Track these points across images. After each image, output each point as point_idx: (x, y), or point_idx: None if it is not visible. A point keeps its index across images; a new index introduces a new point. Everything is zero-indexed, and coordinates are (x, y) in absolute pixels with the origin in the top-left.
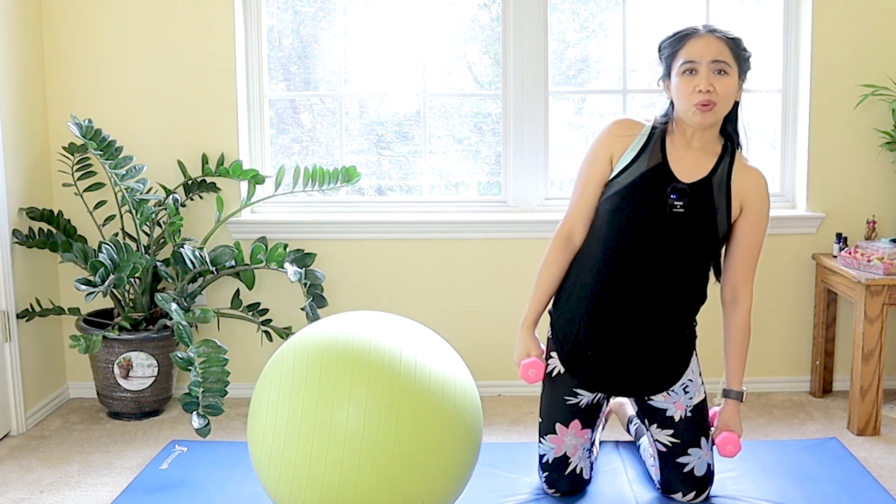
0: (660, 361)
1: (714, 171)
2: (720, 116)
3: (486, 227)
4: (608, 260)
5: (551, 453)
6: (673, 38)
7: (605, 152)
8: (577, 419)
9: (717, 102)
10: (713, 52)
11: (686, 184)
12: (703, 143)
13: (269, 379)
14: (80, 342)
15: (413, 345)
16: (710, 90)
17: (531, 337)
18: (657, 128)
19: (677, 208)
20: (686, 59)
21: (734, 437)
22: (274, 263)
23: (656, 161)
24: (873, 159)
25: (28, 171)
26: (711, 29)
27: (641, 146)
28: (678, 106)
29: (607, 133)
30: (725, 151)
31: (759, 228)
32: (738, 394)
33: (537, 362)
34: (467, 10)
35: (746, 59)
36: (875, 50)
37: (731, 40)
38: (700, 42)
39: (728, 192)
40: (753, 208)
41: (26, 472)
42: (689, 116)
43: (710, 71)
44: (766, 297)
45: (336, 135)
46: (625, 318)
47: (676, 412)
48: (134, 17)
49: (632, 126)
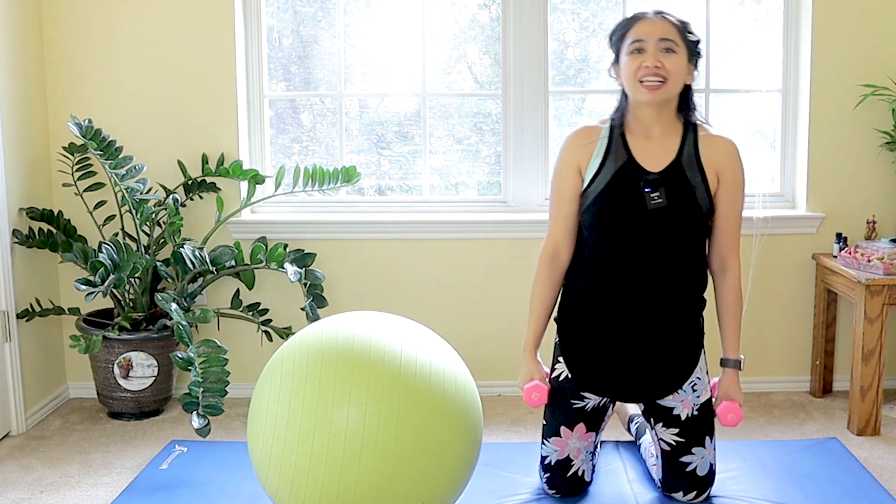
0: (669, 360)
1: (681, 151)
2: (669, 95)
3: (486, 227)
4: (603, 266)
5: (554, 455)
6: (621, 23)
7: (571, 166)
8: (582, 422)
9: (666, 78)
10: (660, 31)
11: (657, 173)
12: (662, 128)
13: (269, 379)
14: (80, 342)
15: (413, 345)
16: (659, 66)
17: (533, 361)
18: (615, 126)
19: (656, 200)
20: (634, 38)
21: (735, 405)
22: (274, 263)
23: (623, 160)
24: (873, 159)
25: (28, 171)
26: (660, 12)
27: (605, 149)
28: (627, 86)
29: (568, 146)
30: (687, 129)
31: (738, 194)
32: (735, 362)
33: (540, 386)
34: (467, 10)
35: (694, 42)
36: (875, 50)
37: (679, 22)
38: (647, 23)
39: (700, 166)
40: (728, 176)
41: (26, 472)
42: (637, 95)
43: (657, 49)
44: (766, 297)
45: (336, 135)
46: (630, 320)
47: (684, 411)
48: (134, 17)
49: (589, 133)
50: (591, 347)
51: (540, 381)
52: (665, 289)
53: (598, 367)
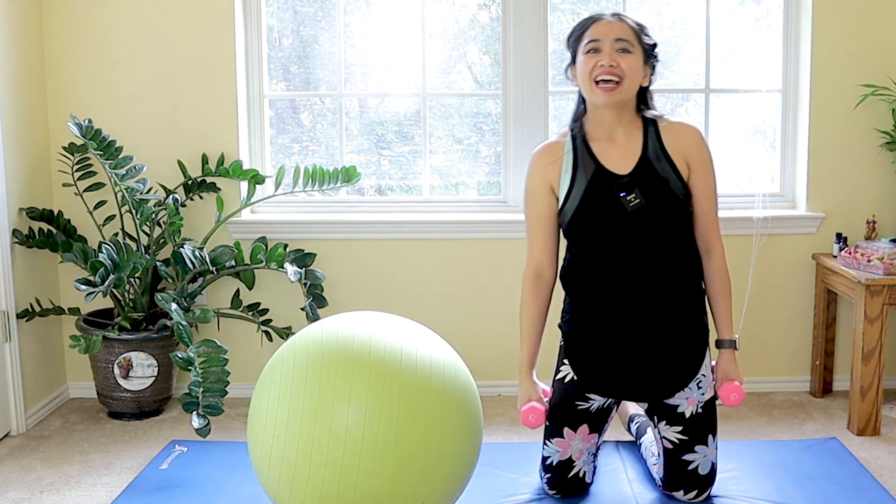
0: (675, 356)
1: (645, 147)
2: (626, 96)
3: (486, 227)
4: (597, 274)
5: (556, 456)
6: (578, 25)
7: (542, 185)
8: (585, 423)
9: (621, 79)
10: (616, 32)
11: (627, 175)
12: (624, 129)
13: (269, 380)
14: (80, 342)
15: (413, 345)
16: (614, 65)
17: (529, 382)
18: (577, 136)
19: (633, 202)
20: (590, 39)
21: (736, 385)
22: (274, 263)
23: (591, 169)
24: (873, 159)
25: (28, 171)
26: (616, 14)
27: (573, 163)
28: (583, 87)
29: (534, 167)
30: (647, 125)
31: (709, 175)
32: (731, 342)
33: (537, 408)
34: (467, 10)
35: (651, 45)
36: (875, 50)
37: (636, 24)
38: (604, 24)
39: (668, 157)
40: (697, 159)
41: (26, 472)
42: (593, 98)
43: (613, 49)
44: (766, 297)
45: (336, 135)
46: (632, 320)
47: (688, 408)
48: (134, 17)
49: (553, 149)
50: (597, 350)
51: (537, 403)
52: (662, 283)
53: (604, 368)
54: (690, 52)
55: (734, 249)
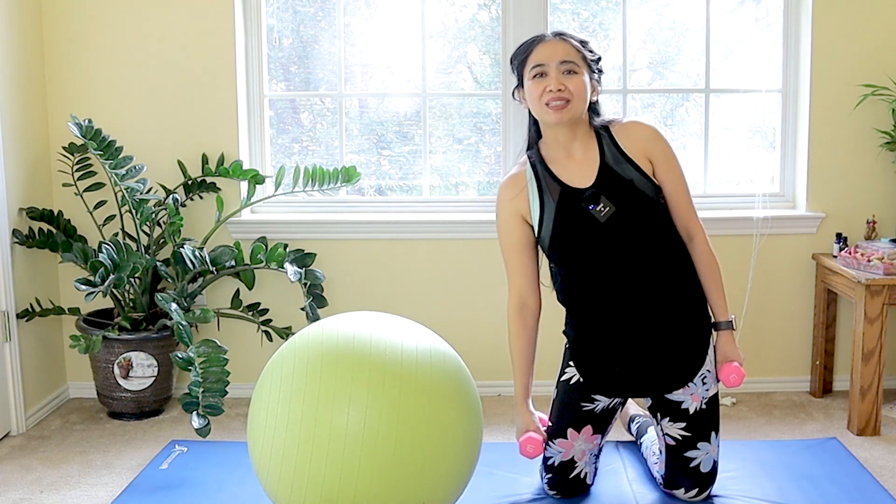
0: (679, 349)
1: (602, 154)
2: (576, 114)
3: (486, 227)
4: (587, 289)
5: (559, 457)
6: (522, 47)
7: (513, 217)
8: (589, 424)
9: (569, 100)
10: (560, 54)
11: (590, 187)
12: (581, 143)
13: (269, 381)
14: (80, 342)
15: (413, 346)
16: (562, 88)
17: (526, 412)
18: (535, 162)
19: (603, 211)
20: (536, 63)
21: (735, 366)
22: (274, 263)
23: (557, 190)
24: (873, 159)
25: (28, 171)
26: (559, 33)
27: (537, 189)
28: (533, 109)
29: (502, 202)
30: (600, 132)
31: (673, 166)
32: (727, 323)
33: (535, 438)
34: (467, 10)
35: (595, 60)
36: (875, 50)
37: (578, 42)
38: (547, 46)
39: (627, 158)
40: (655, 152)
41: (26, 472)
42: (544, 117)
43: (559, 71)
44: (766, 297)
45: (336, 135)
46: (634, 322)
47: (692, 404)
48: (134, 17)
49: (516, 181)
50: (602, 354)
51: (535, 433)
52: (655, 280)
53: (610, 369)
54: (690, 52)
55: (734, 249)
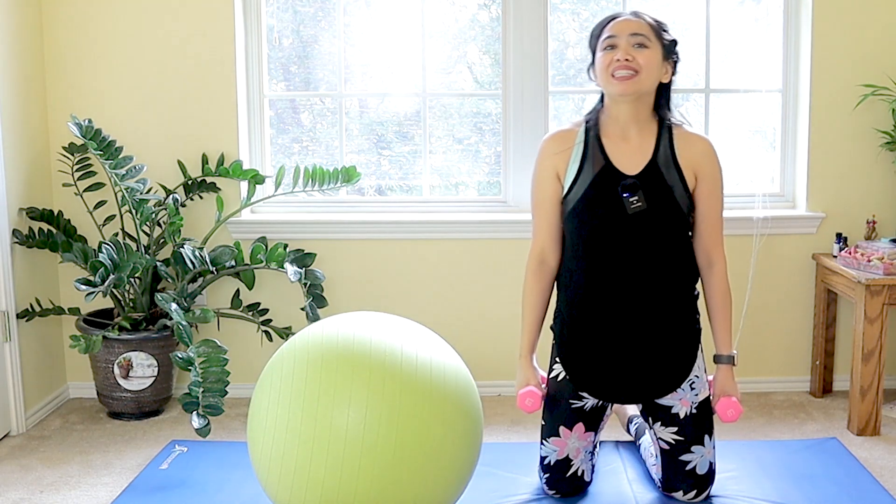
0: (666, 359)
1: (657, 151)
2: (642, 88)
3: (486, 227)
4: (588, 272)
5: (553, 456)
6: (597, 24)
7: (549, 172)
8: (580, 422)
9: (637, 71)
10: (633, 27)
11: (634, 176)
12: (638, 129)
13: (269, 381)
14: (80, 342)
15: (413, 346)
16: (630, 59)
17: (529, 367)
18: (590, 129)
19: (635, 204)
20: (608, 35)
21: (733, 400)
22: (274, 263)
23: (600, 164)
24: (873, 159)
25: (28, 171)
26: (635, 11)
27: (582, 154)
28: (601, 81)
29: (544, 153)
30: (662, 129)
31: (717, 190)
32: (729, 358)
33: (534, 392)
34: (467, 10)
35: (670, 41)
36: (875, 50)
37: (654, 21)
38: (622, 21)
39: (677, 165)
40: (706, 172)
41: (26, 472)
42: (609, 88)
43: (629, 44)
44: (766, 297)
45: (336, 135)
46: (623, 322)
47: (682, 409)
48: (134, 16)
49: (565, 138)
50: (587, 351)
51: (535, 387)
52: (655, 288)
53: (595, 370)
54: (690, 52)
55: (734, 249)
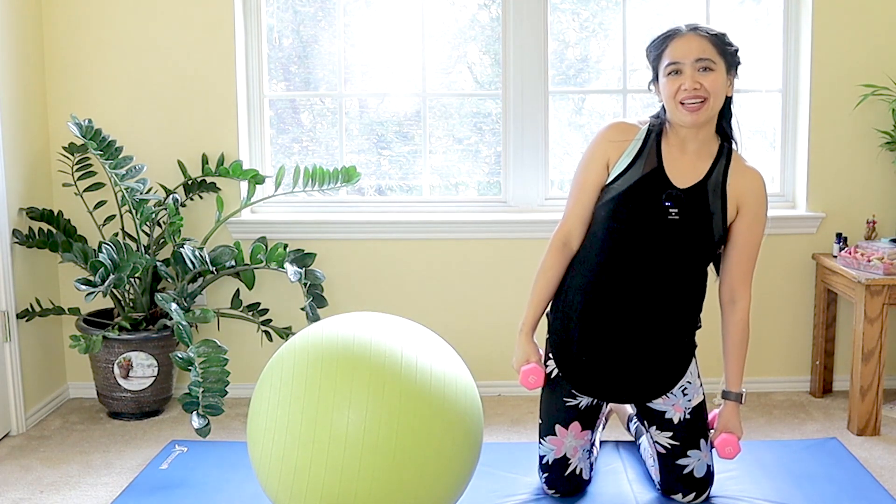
0: (656, 369)
1: (710, 174)
2: (712, 113)
3: (486, 227)
4: (603, 266)
5: (551, 454)
6: (657, 41)
7: (600, 157)
8: (576, 421)
9: (705, 98)
10: (696, 51)
11: (681, 189)
12: (698, 145)
13: (269, 382)
14: (80, 342)
15: (413, 347)
16: (697, 87)
17: (530, 343)
18: (652, 131)
19: (672, 215)
20: (670, 61)
21: (734, 438)
22: (274, 263)
23: (651, 166)
24: (873, 159)
25: (28, 171)
26: (694, 27)
27: (637, 151)
28: (667, 107)
29: (602, 138)
30: (722, 152)
31: (757, 230)
32: (737, 395)
33: (537, 368)
34: (467, 10)
35: (733, 53)
36: (875, 50)
37: (714, 36)
38: (683, 42)
39: (724, 194)
40: (750, 209)
41: (26, 472)
42: (679, 117)
43: (694, 70)
44: (766, 297)
45: (336, 135)
46: (619, 325)
47: (675, 414)
48: (134, 17)
49: (627, 130)
50: (578, 346)
51: (536, 364)
52: (659, 302)
53: (582, 366)
54: None
55: None
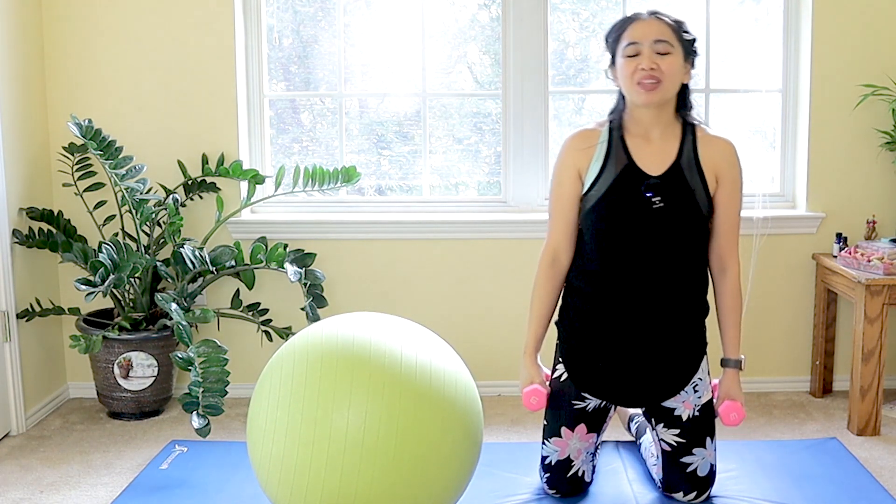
0: (670, 365)
1: (680, 153)
2: (666, 95)
3: (486, 227)
4: (602, 270)
5: (555, 456)
6: (617, 24)
7: (571, 168)
8: (583, 423)
9: (661, 80)
10: (655, 33)
11: (657, 176)
12: (661, 129)
13: (269, 383)
14: (80, 342)
15: (413, 347)
16: (654, 67)
17: (534, 364)
18: (613, 129)
19: (656, 204)
20: (629, 41)
21: (737, 405)
22: (274, 263)
23: (623, 164)
24: (873, 159)
25: (28, 171)
26: (654, 12)
27: (605, 153)
28: (624, 88)
29: (567, 150)
30: (686, 130)
31: (737, 195)
32: (736, 362)
33: (539, 390)
34: (467, 10)
35: (690, 41)
36: (875, 50)
37: (674, 22)
38: (642, 24)
39: (699, 168)
40: (727, 177)
41: (26, 472)
42: (634, 97)
43: (652, 51)
44: (766, 297)
45: (336, 135)
46: (630, 324)
47: (685, 411)
48: (134, 17)
49: (589, 136)
50: (592, 353)
51: (539, 385)
52: (667, 292)
53: (598, 372)
54: None
55: None
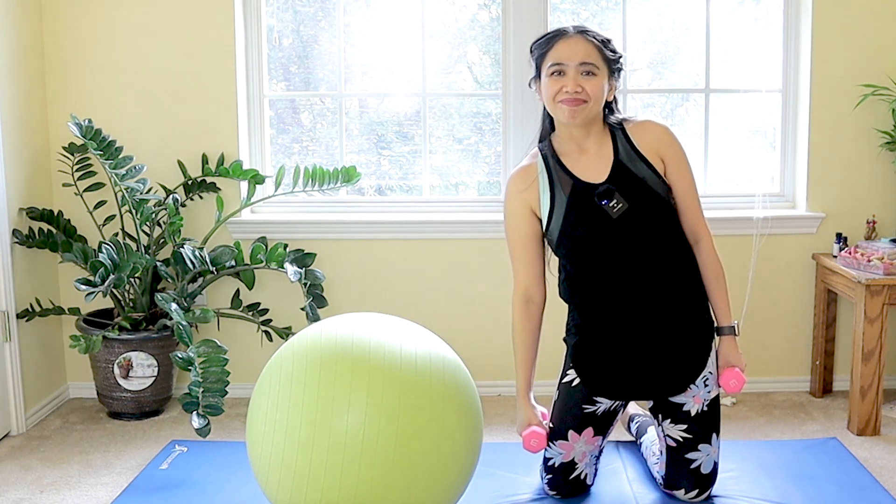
0: (680, 353)
1: (616, 151)
2: (590, 115)
3: (486, 227)
4: (594, 282)
5: (559, 458)
6: (542, 40)
7: (522, 210)
8: (590, 426)
9: (586, 101)
10: (580, 55)
11: (604, 182)
12: (593, 138)
13: (268, 385)
14: (80, 342)
15: (412, 348)
16: (579, 91)
17: (528, 407)
18: (546, 154)
19: (617, 207)
20: (554, 62)
21: (736, 371)
22: (274, 263)
23: (569, 185)
24: (873, 159)
25: (28, 171)
26: (581, 30)
27: (548, 183)
28: (548, 105)
29: (511, 195)
30: (614, 129)
31: (684, 167)
32: (730, 328)
33: (538, 432)
34: (467, 10)
35: (615, 60)
36: (875, 50)
37: (600, 42)
38: (569, 44)
39: (640, 156)
40: (669, 154)
41: (26, 472)
42: (558, 115)
43: (577, 73)
44: (766, 297)
45: (336, 135)
46: (635, 323)
47: (694, 406)
48: (134, 16)
49: (526, 173)
50: (604, 357)
51: (537, 427)
52: (660, 281)
53: (610, 373)
54: (690, 52)
55: (734, 249)
